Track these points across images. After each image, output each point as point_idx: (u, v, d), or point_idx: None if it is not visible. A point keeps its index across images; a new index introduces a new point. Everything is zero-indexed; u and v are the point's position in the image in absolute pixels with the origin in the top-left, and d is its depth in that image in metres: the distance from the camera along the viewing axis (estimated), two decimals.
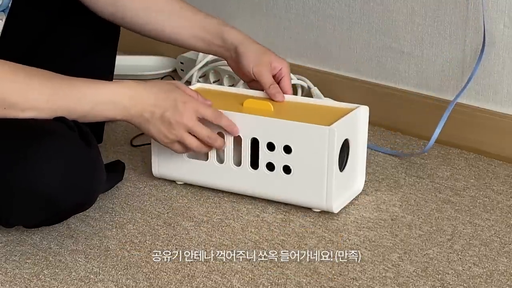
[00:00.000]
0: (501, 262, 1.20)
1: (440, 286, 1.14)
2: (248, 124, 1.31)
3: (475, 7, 1.54)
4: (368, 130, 1.39)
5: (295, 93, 1.82)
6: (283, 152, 1.30)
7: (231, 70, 1.96)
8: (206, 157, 1.37)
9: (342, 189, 1.34)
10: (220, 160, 1.36)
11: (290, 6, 1.84)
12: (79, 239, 1.26)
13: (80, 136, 1.19)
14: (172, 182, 1.44)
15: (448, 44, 1.59)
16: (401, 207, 1.36)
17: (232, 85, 1.84)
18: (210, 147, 1.32)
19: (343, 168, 1.33)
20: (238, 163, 1.35)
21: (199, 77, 1.90)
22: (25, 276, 1.17)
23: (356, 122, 1.35)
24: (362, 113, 1.36)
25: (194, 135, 1.29)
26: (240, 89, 1.44)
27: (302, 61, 1.85)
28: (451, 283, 1.14)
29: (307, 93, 1.80)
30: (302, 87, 1.82)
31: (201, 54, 1.95)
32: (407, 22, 1.64)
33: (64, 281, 1.15)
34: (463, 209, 1.36)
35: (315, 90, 1.77)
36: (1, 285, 1.14)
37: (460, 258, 1.21)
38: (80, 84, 1.22)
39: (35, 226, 1.26)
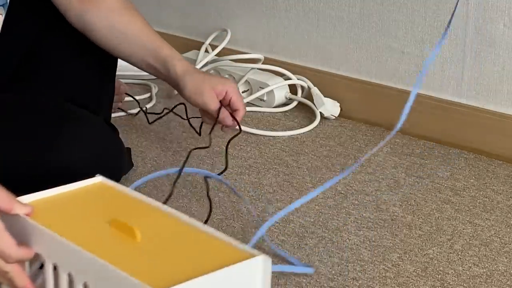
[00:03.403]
0: (501, 262, 1.20)
1: (440, 286, 1.14)
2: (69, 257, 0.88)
3: (475, 7, 1.54)
4: (368, 130, 1.38)
5: (295, 93, 1.82)
6: None
7: (231, 69, 1.96)
8: None
9: None
10: None
11: (290, 6, 1.84)
12: None
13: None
14: (172, 182, 1.43)
15: (448, 44, 1.59)
16: (401, 207, 1.36)
17: None
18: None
19: None
20: None
21: None
22: None
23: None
24: (251, 269, 0.83)
25: None
26: (140, 197, 1.01)
27: (302, 61, 1.85)
28: (451, 283, 1.14)
29: (307, 93, 1.80)
30: (302, 87, 1.82)
31: (201, 54, 1.95)
32: (407, 22, 1.64)
33: None
34: (463, 209, 1.36)
35: (315, 90, 1.77)
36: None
37: (460, 258, 1.21)
38: None
39: None
